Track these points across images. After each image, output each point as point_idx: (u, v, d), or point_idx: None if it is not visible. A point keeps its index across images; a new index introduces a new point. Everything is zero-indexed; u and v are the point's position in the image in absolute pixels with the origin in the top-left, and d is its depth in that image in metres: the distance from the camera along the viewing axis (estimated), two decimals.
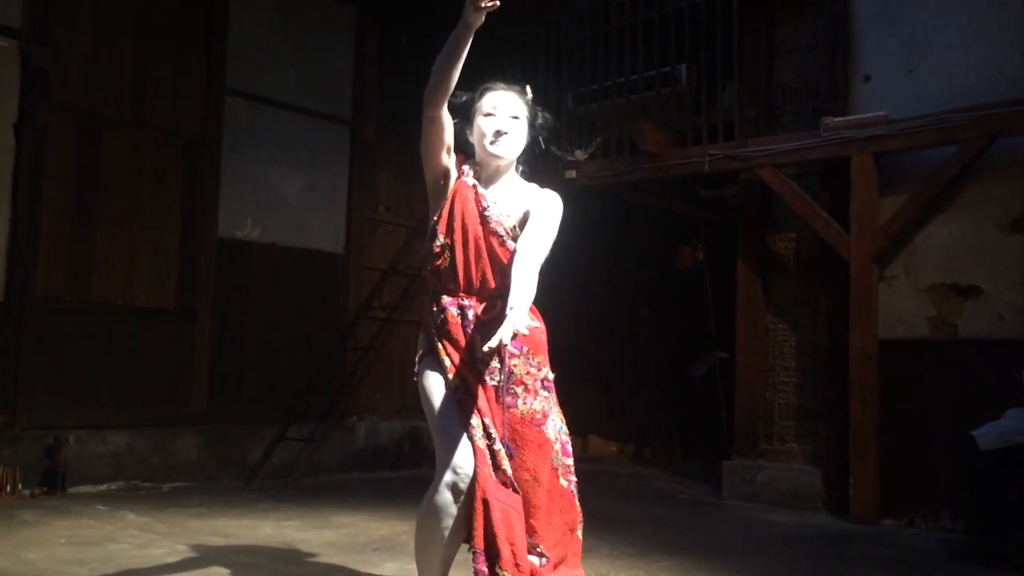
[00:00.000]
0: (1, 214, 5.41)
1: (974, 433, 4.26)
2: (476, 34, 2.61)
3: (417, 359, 2.85)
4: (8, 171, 5.44)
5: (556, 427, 2.80)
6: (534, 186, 2.90)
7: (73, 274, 5.66)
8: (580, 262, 8.71)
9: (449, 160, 2.85)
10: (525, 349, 2.75)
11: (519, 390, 2.73)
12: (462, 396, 2.69)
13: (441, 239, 2.80)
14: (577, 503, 2.83)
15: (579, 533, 2.84)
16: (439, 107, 2.74)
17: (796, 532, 4.97)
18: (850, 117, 5.52)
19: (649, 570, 3.82)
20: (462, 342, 2.74)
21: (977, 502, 4.37)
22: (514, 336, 2.37)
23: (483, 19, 2.60)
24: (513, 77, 6.94)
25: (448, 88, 2.72)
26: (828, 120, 5.52)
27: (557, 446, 2.79)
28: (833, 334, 5.64)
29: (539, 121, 2.92)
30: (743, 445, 6.04)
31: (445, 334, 2.76)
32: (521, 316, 2.39)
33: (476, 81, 2.92)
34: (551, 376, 2.82)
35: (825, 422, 5.68)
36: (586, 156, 6.62)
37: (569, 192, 6.66)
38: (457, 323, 2.75)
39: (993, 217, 5.12)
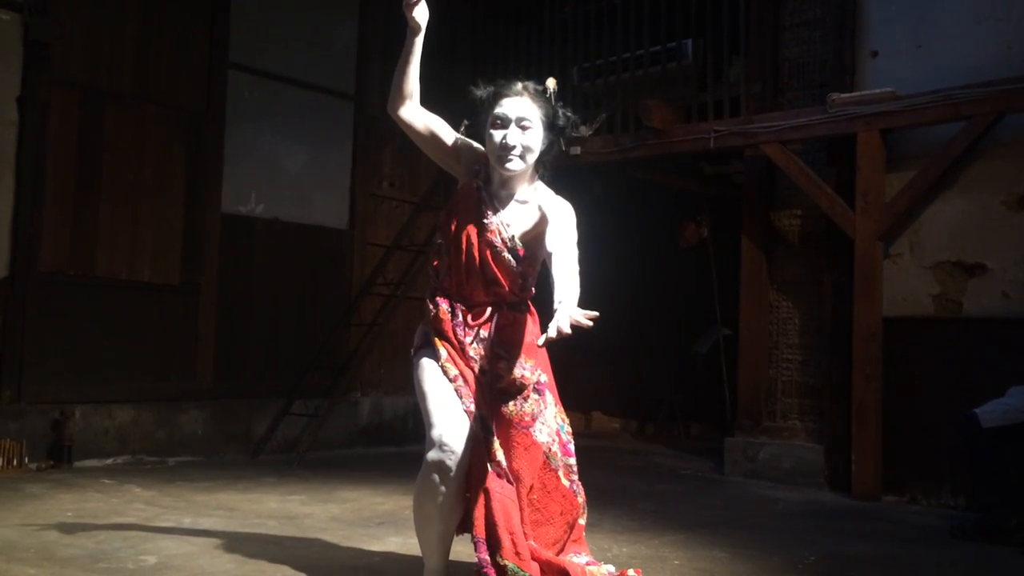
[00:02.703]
0: (5, 189, 5.41)
1: (977, 411, 4.27)
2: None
3: (413, 351, 2.86)
4: (11, 145, 5.42)
5: (551, 428, 2.76)
6: (549, 193, 2.81)
7: (77, 249, 5.66)
8: (584, 239, 8.67)
9: (454, 146, 2.84)
10: (515, 351, 2.73)
11: (512, 391, 2.72)
12: (458, 386, 2.69)
13: (440, 239, 2.82)
14: (579, 499, 2.81)
15: (581, 521, 2.84)
16: (397, 110, 2.79)
17: (798, 508, 4.99)
18: (857, 93, 5.48)
19: (651, 545, 3.84)
20: (452, 338, 2.75)
21: (979, 479, 4.38)
22: (558, 334, 2.26)
23: (421, 21, 2.65)
24: (517, 52, 6.96)
25: (402, 92, 2.76)
26: (835, 96, 5.48)
27: (555, 447, 2.75)
28: (837, 311, 5.63)
29: (559, 121, 2.78)
30: (746, 422, 6.05)
31: (438, 330, 2.77)
32: (572, 309, 2.30)
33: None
34: (544, 379, 2.78)
35: (828, 399, 5.68)
36: (591, 132, 6.59)
37: (574, 168, 6.71)
38: (448, 319, 2.76)
39: (999, 194, 5.10)
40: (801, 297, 5.93)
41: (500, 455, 2.65)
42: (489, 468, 2.62)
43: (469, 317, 2.77)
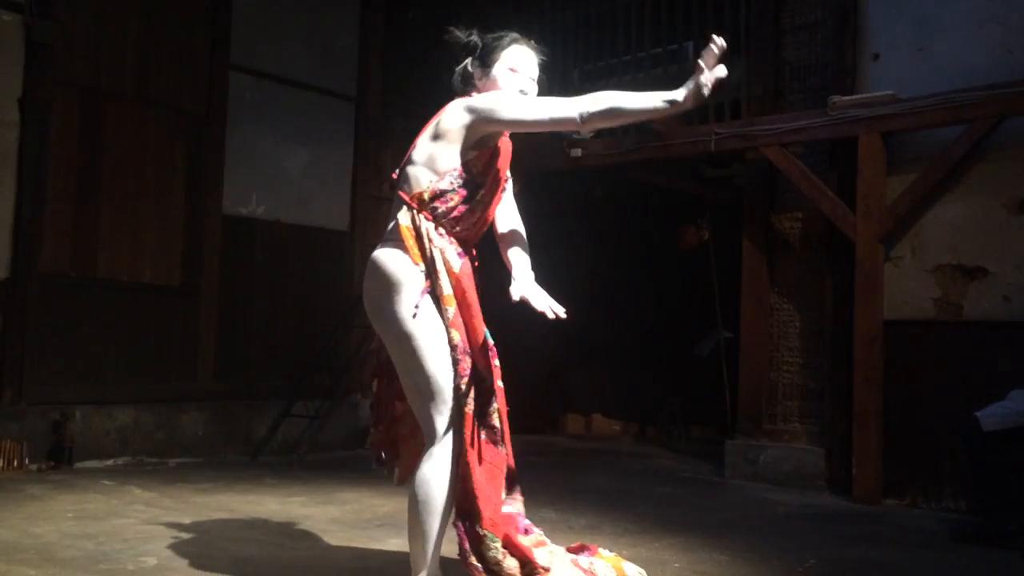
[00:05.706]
0: (6, 190, 5.41)
1: (978, 414, 4.26)
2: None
3: (413, 301, 2.70)
4: (12, 147, 5.43)
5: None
6: None
7: (78, 250, 5.67)
8: (584, 241, 8.69)
9: None
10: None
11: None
12: (458, 356, 2.61)
13: (482, 191, 2.72)
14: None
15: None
16: (582, 125, 2.58)
17: (798, 511, 4.98)
18: (858, 96, 5.47)
19: (652, 548, 3.84)
20: (475, 293, 2.71)
21: (980, 483, 4.37)
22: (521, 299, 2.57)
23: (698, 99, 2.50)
24: None
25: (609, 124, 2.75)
26: (836, 99, 5.48)
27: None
28: (838, 314, 5.63)
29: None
30: (746, 425, 6.04)
31: (459, 287, 2.65)
32: (542, 292, 2.62)
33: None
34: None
35: (828, 402, 5.68)
36: (592, 134, 6.58)
37: (575, 171, 6.71)
38: (470, 272, 2.72)
39: (1000, 197, 5.09)
40: (802, 300, 5.93)
41: (496, 419, 2.64)
42: (484, 436, 2.62)
43: (475, 264, 2.78)
